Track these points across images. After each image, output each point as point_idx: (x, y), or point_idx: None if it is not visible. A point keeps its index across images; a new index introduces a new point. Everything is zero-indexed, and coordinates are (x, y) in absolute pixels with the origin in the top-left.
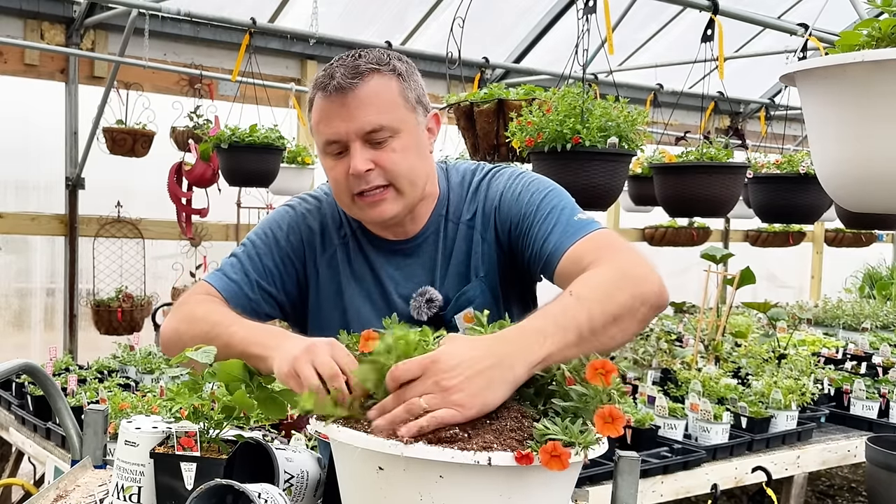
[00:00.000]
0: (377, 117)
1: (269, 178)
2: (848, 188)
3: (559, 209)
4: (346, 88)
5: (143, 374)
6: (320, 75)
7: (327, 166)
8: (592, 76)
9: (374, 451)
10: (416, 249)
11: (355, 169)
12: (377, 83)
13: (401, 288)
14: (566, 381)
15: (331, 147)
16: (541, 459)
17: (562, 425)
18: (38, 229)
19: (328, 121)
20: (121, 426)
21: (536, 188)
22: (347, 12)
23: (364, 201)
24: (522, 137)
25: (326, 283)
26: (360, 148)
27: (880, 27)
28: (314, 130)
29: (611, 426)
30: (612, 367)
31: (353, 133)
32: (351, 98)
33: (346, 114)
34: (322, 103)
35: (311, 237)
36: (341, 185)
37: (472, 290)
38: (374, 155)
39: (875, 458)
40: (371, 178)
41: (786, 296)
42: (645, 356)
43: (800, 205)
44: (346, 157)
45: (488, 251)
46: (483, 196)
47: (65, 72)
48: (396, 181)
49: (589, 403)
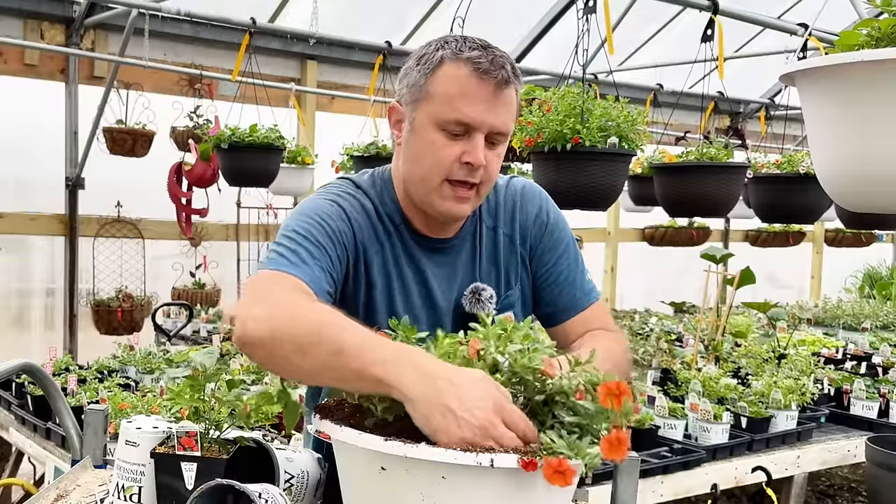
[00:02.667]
0: (509, 123)
1: (269, 178)
2: (847, 188)
3: (577, 262)
4: (505, 83)
5: (143, 374)
6: (476, 54)
7: (435, 141)
8: (592, 76)
9: (376, 452)
10: (455, 249)
11: (478, 160)
12: (515, 91)
13: (442, 284)
14: (576, 394)
15: (456, 127)
16: (544, 474)
17: (568, 441)
18: (38, 229)
19: (472, 102)
20: (121, 426)
21: (564, 227)
22: (347, 12)
23: (454, 191)
24: (522, 137)
25: (379, 278)
26: (482, 141)
27: (880, 27)
28: (439, 98)
29: (616, 450)
30: (626, 390)
31: (489, 126)
32: (504, 95)
33: (494, 106)
34: (473, 82)
35: (360, 231)
36: (443, 166)
37: (512, 296)
38: (487, 154)
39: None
40: (476, 174)
41: (786, 296)
42: (645, 356)
43: (800, 205)
44: (465, 142)
45: (523, 264)
46: (518, 210)
47: (65, 72)
48: (485, 185)
49: (594, 420)
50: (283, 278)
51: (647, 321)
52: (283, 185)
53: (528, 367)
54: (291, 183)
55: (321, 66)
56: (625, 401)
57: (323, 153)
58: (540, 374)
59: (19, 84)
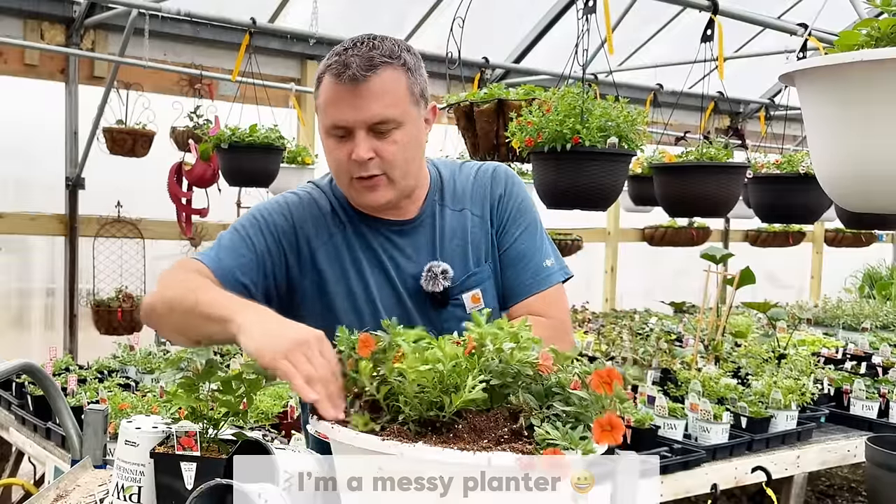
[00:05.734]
0: (385, 110)
1: (269, 178)
2: (847, 188)
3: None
4: (359, 79)
5: (143, 374)
6: (334, 60)
7: (329, 147)
8: (592, 76)
9: (373, 451)
10: (415, 230)
11: (358, 156)
12: (388, 76)
13: (402, 266)
14: (572, 385)
15: (336, 130)
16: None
17: (563, 431)
18: (38, 229)
19: (337, 106)
20: (121, 426)
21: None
22: (347, 12)
23: (361, 185)
24: (522, 137)
25: (328, 266)
26: (364, 136)
27: (879, 27)
28: (320, 109)
29: (609, 434)
30: (617, 376)
31: (360, 122)
32: (363, 89)
33: (357, 103)
34: (333, 87)
35: (303, 223)
36: (342, 167)
37: (482, 272)
38: (376, 145)
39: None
40: (370, 166)
41: (786, 296)
42: (645, 356)
43: (800, 205)
44: (349, 141)
45: (492, 243)
46: (488, 192)
47: (65, 72)
48: (391, 172)
49: (589, 409)
50: (187, 264)
51: (647, 321)
52: (283, 185)
53: (526, 362)
54: (291, 183)
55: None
56: (616, 385)
57: (323, 153)
58: (537, 368)
59: (19, 84)
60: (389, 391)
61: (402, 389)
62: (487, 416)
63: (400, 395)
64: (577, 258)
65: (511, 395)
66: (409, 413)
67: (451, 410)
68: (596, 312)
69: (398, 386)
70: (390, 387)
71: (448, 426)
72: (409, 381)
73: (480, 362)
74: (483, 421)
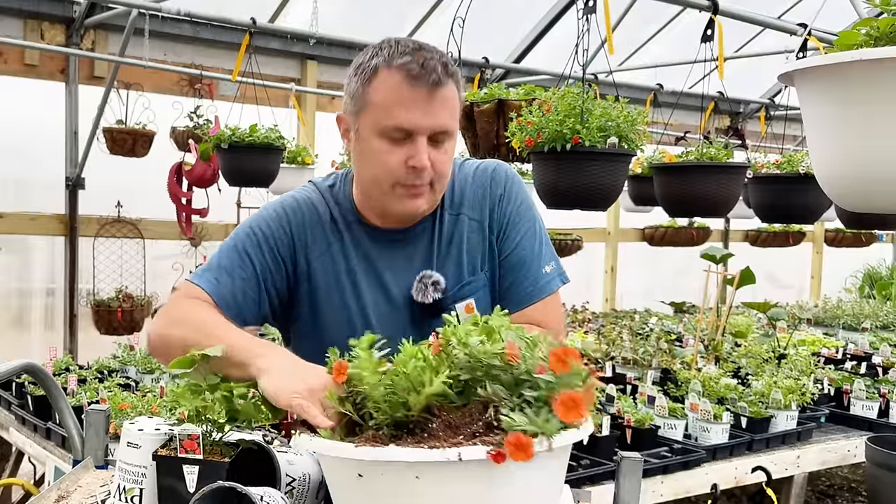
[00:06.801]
0: (449, 120)
1: (270, 178)
2: (847, 188)
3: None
4: (438, 85)
5: (143, 374)
6: (407, 59)
7: (379, 148)
8: (592, 76)
9: (350, 459)
10: (416, 238)
11: (421, 163)
12: (453, 87)
13: (399, 276)
14: (537, 369)
15: (397, 132)
16: (510, 455)
17: (529, 416)
18: (38, 229)
19: (408, 108)
20: (123, 427)
21: (526, 211)
22: (347, 12)
23: (405, 192)
24: (522, 137)
25: (323, 277)
26: (425, 143)
27: (879, 26)
28: (377, 107)
29: (573, 411)
30: (574, 352)
31: (427, 128)
32: (438, 95)
33: (430, 108)
34: (406, 88)
35: (302, 233)
36: (392, 171)
37: (476, 282)
38: (432, 154)
39: (875, 458)
40: (424, 175)
41: (786, 296)
42: (645, 356)
43: (800, 205)
44: (407, 146)
45: (491, 249)
46: (487, 195)
47: (65, 72)
48: (437, 182)
49: (556, 391)
50: (189, 291)
51: (647, 321)
52: (283, 185)
53: (492, 353)
54: (291, 183)
55: (321, 66)
56: (572, 362)
57: (323, 153)
58: (506, 358)
59: (19, 84)
60: (361, 400)
61: (370, 395)
62: (462, 411)
63: (369, 401)
64: (577, 258)
65: (479, 388)
66: (380, 418)
67: (417, 408)
68: (596, 312)
69: (366, 390)
70: (362, 396)
71: (422, 426)
72: (370, 385)
73: (448, 359)
74: (458, 417)
